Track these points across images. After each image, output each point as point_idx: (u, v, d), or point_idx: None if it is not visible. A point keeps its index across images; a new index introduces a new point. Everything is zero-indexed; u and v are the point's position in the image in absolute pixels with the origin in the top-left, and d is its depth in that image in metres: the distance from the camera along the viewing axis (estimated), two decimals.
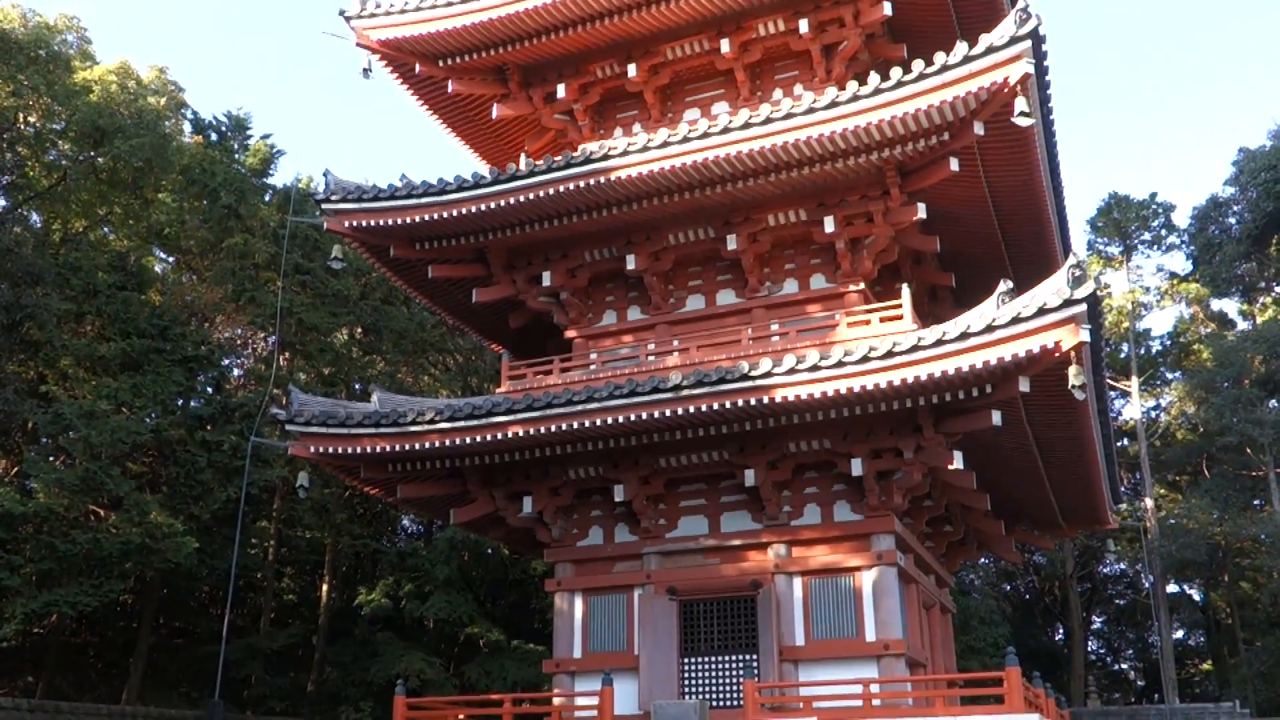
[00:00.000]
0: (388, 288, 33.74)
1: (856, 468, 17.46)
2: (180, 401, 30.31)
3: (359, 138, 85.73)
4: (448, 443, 18.13)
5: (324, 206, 20.01)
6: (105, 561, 25.67)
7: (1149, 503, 38.88)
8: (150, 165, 29.28)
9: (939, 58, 16.50)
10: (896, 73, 16.81)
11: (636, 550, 19.22)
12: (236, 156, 34.61)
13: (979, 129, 16.90)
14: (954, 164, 17.55)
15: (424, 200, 19.32)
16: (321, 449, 19.03)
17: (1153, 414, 44.05)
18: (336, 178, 20.22)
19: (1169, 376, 44.56)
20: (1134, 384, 41.05)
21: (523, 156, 21.01)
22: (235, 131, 35.38)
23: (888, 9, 19.42)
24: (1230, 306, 45.06)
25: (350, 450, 18.85)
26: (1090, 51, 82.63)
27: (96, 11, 79.71)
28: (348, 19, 21.24)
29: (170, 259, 35.15)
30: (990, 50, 16.18)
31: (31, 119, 28.55)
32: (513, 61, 21.77)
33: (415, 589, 31.94)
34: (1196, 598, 46.84)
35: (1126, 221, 43.14)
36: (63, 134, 28.91)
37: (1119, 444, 40.48)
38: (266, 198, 34.41)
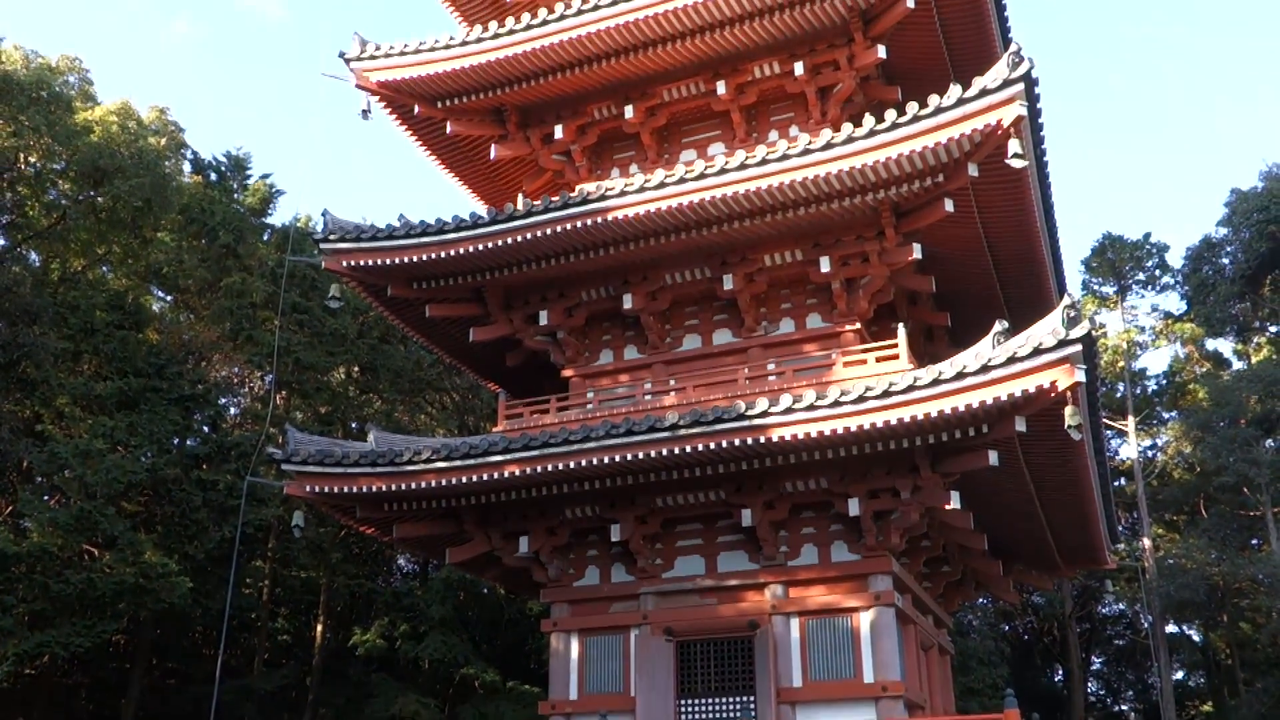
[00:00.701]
0: (385, 326, 33.82)
1: (853, 508, 17.42)
2: (176, 440, 30.27)
3: (358, 177, 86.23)
4: (444, 482, 18.10)
5: (322, 246, 20.11)
6: (98, 602, 25.50)
7: (1147, 543, 38.76)
8: (150, 205, 29.44)
9: (933, 100, 16.67)
10: (891, 115, 16.97)
11: (633, 590, 19.12)
12: (236, 196, 34.84)
13: (973, 170, 17.05)
14: (949, 205, 17.67)
15: (422, 240, 19.42)
16: (317, 488, 18.98)
17: (1149, 454, 44.05)
18: (335, 217, 20.34)
19: (1165, 416, 44.61)
20: (1130, 423, 41.07)
21: (520, 197, 21.16)
22: (235, 171, 35.62)
23: (882, 52, 19.61)
24: (1225, 346, 45.22)
25: (346, 490, 18.81)
26: (1083, 92, 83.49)
27: (99, 52, 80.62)
28: (347, 61, 21.43)
29: (168, 298, 35.24)
30: (984, 93, 16.35)
31: (32, 159, 28.73)
32: (511, 103, 21.95)
33: (410, 629, 31.74)
34: (1196, 638, 46.59)
35: (1121, 261, 43.35)
36: (63, 174, 29.10)
37: (1116, 483, 40.43)
38: (265, 237, 34.58)
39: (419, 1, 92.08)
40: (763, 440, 16.27)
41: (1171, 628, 42.76)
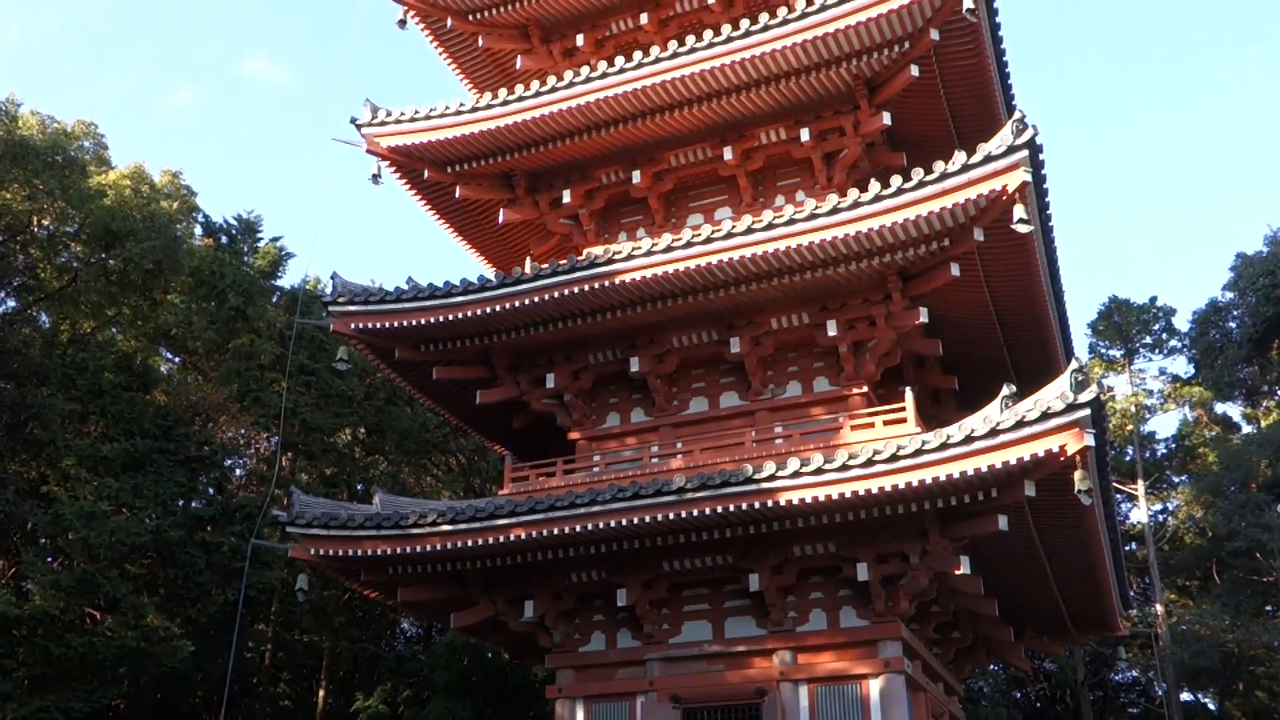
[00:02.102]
0: (391, 388, 33.86)
1: (862, 572, 17.24)
2: (181, 502, 30.18)
3: (367, 240, 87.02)
4: (449, 545, 17.99)
5: (331, 309, 20.22)
6: (99, 666, 25.24)
7: (1159, 609, 38.26)
8: (160, 267, 29.66)
9: (938, 166, 16.81)
10: (897, 180, 17.11)
11: (639, 656, 18.89)
12: (246, 258, 35.12)
13: (979, 235, 17.14)
14: (955, 269, 17.74)
15: (430, 303, 19.52)
16: (322, 551, 18.88)
17: (1160, 518, 43.64)
18: (344, 280, 20.47)
19: (1175, 480, 44.26)
20: (1140, 488, 40.76)
21: (528, 260, 21.30)
22: (245, 234, 35.95)
23: (887, 119, 19.83)
24: (1234, 410, 45.02)
25: (351, 553, 18.70)
26: (1087, 156, 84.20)
27: (115, 115, 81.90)
28: (358, 126, 21.70)
29: (176, 359, 35.37)
30: (988, 159, 16.49)
31: (45, 222, 29.01)
32: (519, 168, 22.18)
33: (413, 695, 31.34)
34: (1212, 707, 45.71)
35: (1127, 325, 43.34)
36: (75, 236, 29.35)
37: (1127, 548, 40.04)
38: (274, 299, 34.79)
39: (422, 69, 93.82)
40: (770, 504, 16.17)
41: (1186, 696, 42.02)
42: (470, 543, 17.84)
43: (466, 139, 21.11)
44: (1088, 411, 14.65)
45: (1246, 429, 43.50)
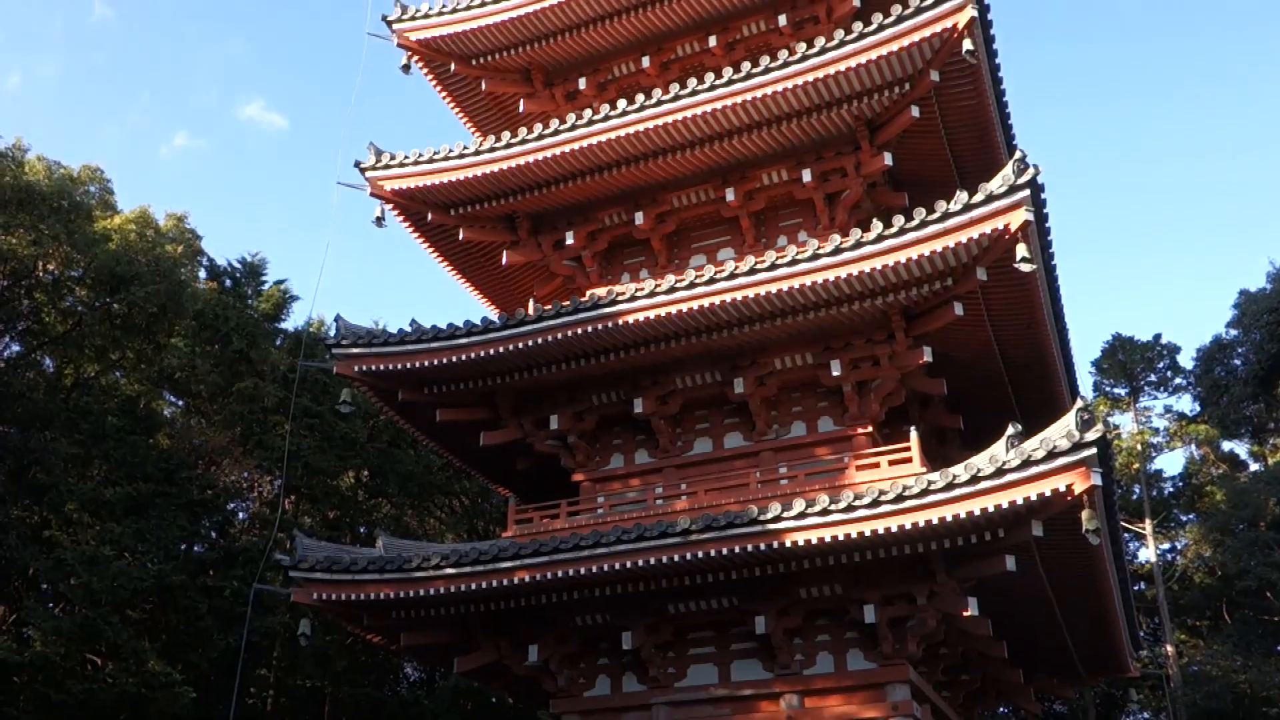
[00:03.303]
0: (395, 430, 33.77)
1: (869, 614, 17.09)
2: (183, 546, 30.01)
3: (371, 280, 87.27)
4: (453, 589, 17.87)
5: (334, 351, 20.23)
6: (101, 712, 24.99)
7: (1170, 649, 37.89)
8: (164, 311, 29.73)
9: (940, 206, 16.85)
10: (899, 220, 17.15)
11: (645, 700, 18.69)
12: (250, 301, 35.17)
13: (982, 274, 17.16)
14: (958, 308, 17.74)
15: (433, 345, 19.53)
16: (325, 595, 18.75)
17: (1169, 557, 43.31)
18: (347, 322, 20.50)
19: (1183, 518, 43.97)
20: (1148, 526, 40.50)
21: (531, 301, 21.36)
22: (250, 277, 36.03)
23: (889, 159, 19.92)
24: (1241, 448, 44.81)
25: (354, 597, 18.57)
26: (1088, 192, 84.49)
27: (112, 160, 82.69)
28: (363, 170, 21.83)
29: (180, 402, 35.32)
30: (990, 199, 16.53)
31: (50, 266, 29.12)
32: (522, 210, 22.28)
33: None
34: None
35: (1132, 363, 43.29)
36: (80, 281, 29.45)
37: (1136, 588, 39.70)
38: (278, 341, 34.80)
39: (418, 111, 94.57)
40: (776, 545, 16.06)
41: None
42: (474, 586, 17.72)
43: (470, 182, 21.23)
44: (1094, 450, 14.57)
45: (1254, 467, 43.27)
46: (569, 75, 23.65)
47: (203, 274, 34.92)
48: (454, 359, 19.42)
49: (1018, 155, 16.66)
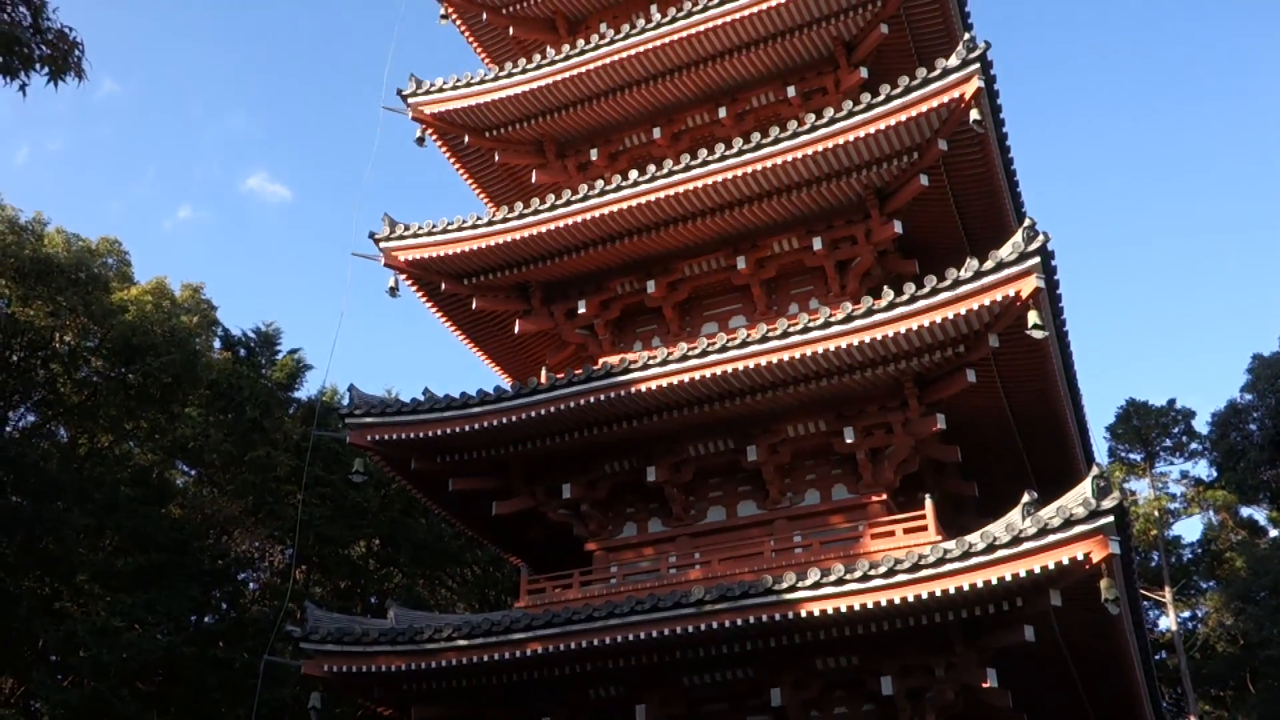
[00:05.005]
0: (407, 499, 33.70)
1: (886, 686, 16.82)
2: (194, 618, 29.85)
3: (384, 348, 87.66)
4: (465, 660, 17.68)
5: (347, 420, 20.26)
6: None
7: None
8: (179, 381, 29.92)
9: (951, 273, 16.92)
10: (910, 288, 17.21)
11: None
12: (264, 370, 35.33)
13: (994, 341, 17.17)
14: (971, 375, 17.73)
15: (446, 414, 19.56)
16: (335, 668, 18.57)
17: (1190, 625, 42.69)
18: (360, 392, 20.57)
19: (1203, 585, 43.41)
20: (1168, 594, 39.98)
21: (543, 370, 21.40)
22: (264, 347, 36.23)
23: (899, 227, 20.05)
24: (1259, 514, 44.35)
25: (364, 669, 18.39)
26: (1099, 258, 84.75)
27: (125, 230, 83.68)
28: (377, 241, 22.05)
29: (192, 472, 35.34)
30: (1001, 266, 16.60)
31: (67, 338, 29.39)
32: (535, 279, 22.44)
33: None
34: None
35: (1146, 428, 43.07)
36: (96, 351, 29.68)
37: (1157, 656, 39.06)
38: (291, 410, 34.89)
39: (423, 180, 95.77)
40: (791, 616, 15.89)
41: None
42: (486, 657, 17.54)
43: (483, 252, 21.41)
44: (1111, 518, 14.43)
45: (1273, 533, 42.79)
46: (581, 146, 23.96)
47: (217, 343, 35.15)
48: (466, 428, 19.44)
49: (1027, 223, 16.75)
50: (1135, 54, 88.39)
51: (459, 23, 25.53)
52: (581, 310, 22.35)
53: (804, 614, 15.82)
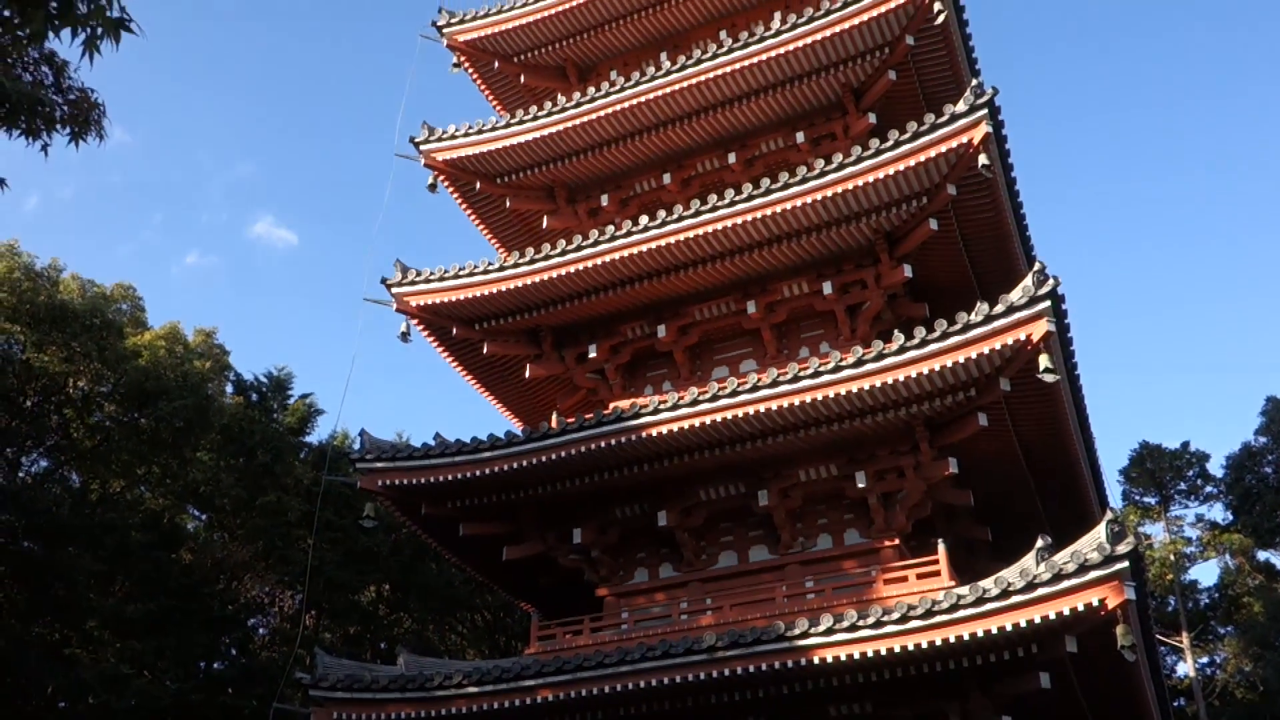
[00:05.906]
0: (416, 544, 33.59)
1: None
2: (203, 664, 29.70)
3: (394, 392, 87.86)
4: (476, 708, 17.55)
5: (358, 465, 20.26)
6: None
7: None
8: (191, 426, 29.97)
9: (961, 317, 16.93)
10: (920, 331, 17.22)
11: None
12: (275, 415, 35.41)
13: (1005, 385, 17.14)
14: (982, 419, 17.68)
15: (457, 459, 19.56)
16: (345, 715, 18.44)
17: (1208, 671, 42.11)
18: (371, 437, 20.58)
19: (1221, 631, 42.88)
20: (1185, 640, 39.48)
21: (554, 414, 21.38)
22: (275, 391, 36.34)
23: (908, 271, 20.09)
24: (1276, 558, 43.86)
25: (375, 716, 18.24)
26: (1110, 300, 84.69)
27: (134, 276, 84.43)
28: (389, 286, 22.18)
29: (203, 517, 35.33)
30: (1011, 310, 16.61)
31: (81, 383, 29.52)
32: (546, 324, 22.51)
33: None
34: None
35: (1161, 472, 42.75)
36: (109, 396, 29.79)
37: (1176, 703, 38.54)
38: (302, 455, 34.92)
39: (428, 224, 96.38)
40: (804, 663, 15.75)
41: None
42: (496, 705, 17.41)
43: (495, 297, 21.51)
44: (1126, 564, 14.30)
45: None
46: (591, 192, 24.14)
47: (229, 388, 35.27)
48: (477, 473, 19.43)
49: (1037, 266, 16.77)
50: (1155, 78, 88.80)
51: (471, 71, 25.85)
52: (592, 354, 22.40)
53: (817, 660, 15.68)
